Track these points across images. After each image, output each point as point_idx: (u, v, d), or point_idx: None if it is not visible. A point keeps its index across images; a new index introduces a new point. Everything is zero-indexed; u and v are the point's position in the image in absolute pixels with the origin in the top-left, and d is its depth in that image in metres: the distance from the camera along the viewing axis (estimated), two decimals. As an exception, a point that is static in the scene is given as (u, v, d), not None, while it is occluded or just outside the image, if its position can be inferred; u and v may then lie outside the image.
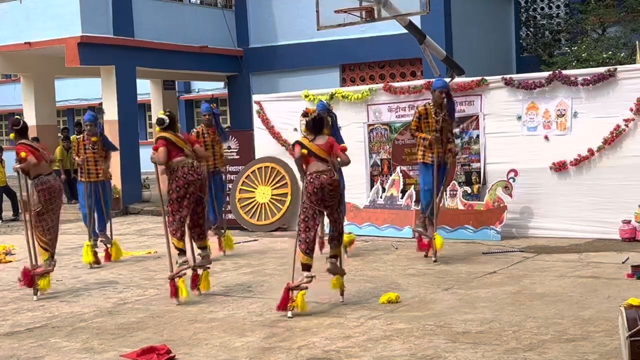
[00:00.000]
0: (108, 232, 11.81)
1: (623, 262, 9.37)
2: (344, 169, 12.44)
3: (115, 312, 8.13)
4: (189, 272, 8.68)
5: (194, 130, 12.03)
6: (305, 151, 7.99)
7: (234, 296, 8.59)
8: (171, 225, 8.64)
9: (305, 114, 8.73)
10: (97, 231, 11.70)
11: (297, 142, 8.14)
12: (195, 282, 8.69)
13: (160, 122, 8.77)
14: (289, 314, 7.46)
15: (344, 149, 8.13)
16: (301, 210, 8.04)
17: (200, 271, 8.77)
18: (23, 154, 9.17)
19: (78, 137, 11.90)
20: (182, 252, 8.65)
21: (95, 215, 11.69)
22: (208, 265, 8.91)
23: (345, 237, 9.69)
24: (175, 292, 8.39)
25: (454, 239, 11.91)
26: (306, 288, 7.67)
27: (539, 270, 9.26)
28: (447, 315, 7.22)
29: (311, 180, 7.95)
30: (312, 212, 7.94)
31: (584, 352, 5.85)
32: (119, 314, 8.03)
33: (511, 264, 9.70)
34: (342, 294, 8.09)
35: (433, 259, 9.96)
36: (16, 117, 10.05)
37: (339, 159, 8.10)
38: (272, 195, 14.04)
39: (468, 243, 11.58)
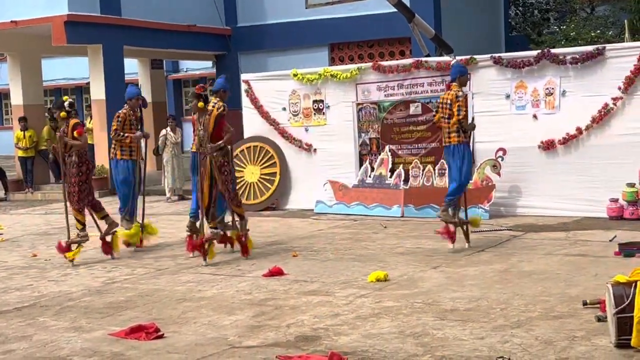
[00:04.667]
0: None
1: (610, 240, 9.42)
2: (330, 148, 12.81)
3: (103, 291, 8.12)
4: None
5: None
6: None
7: (222, 275, 8.59)
8: None
9: (205, 88, 9.90)
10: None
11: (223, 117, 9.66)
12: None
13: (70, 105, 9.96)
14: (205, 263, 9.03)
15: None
16: (234, 178, 9.81)
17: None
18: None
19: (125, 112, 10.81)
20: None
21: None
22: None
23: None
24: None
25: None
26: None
27: (527, 248, 9.30)
28: (435, 293, 7.24)
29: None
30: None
31: (571, 329, 5.88)
32: (108, 293, 8.02)
33: (499, 243, 9.74)
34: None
35: None
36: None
37: None
38: (261, 174, 14.02)
39: (456, 222, 11.60)
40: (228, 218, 9.99)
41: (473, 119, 10.01)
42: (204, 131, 9.38)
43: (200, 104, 9.51)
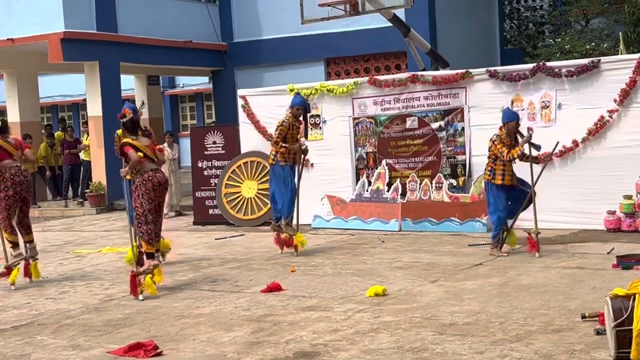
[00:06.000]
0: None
1: (608, 253, 9.42)
2: (327, 163, 12.95)
3: (101, 308, 8.10)
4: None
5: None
6: (141, 154, 8.85)
7: (220, 291, 8.57)
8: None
9: (123, 115, 9.07)
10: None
11: (129, 144, 8.85)
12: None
13: None
14: (140, 297, 8.38)
15: (161, 150, 9.49)
16: (138, 206, 8.83)
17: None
18: None
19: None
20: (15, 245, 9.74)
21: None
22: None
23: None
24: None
25: (440, 232, 11.94)
26: (151, 272, 8.62)
27: (525, 261, 9.30)
28: (434, 308, 7.23)
29: (149, 178, 8.81)
30: (149, 206, 8.81)
31: (571, 343, 5.88)
32: (106, 310, 8.00)
33: (497, 256, 9.73)
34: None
35: None
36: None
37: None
38: (258, 189, 14.02)
39: (454, 235, 11.61)
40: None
41: (530, 130, 9.87)
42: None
43: (119, 131, 9.15)
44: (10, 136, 10.05)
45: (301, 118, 10.98)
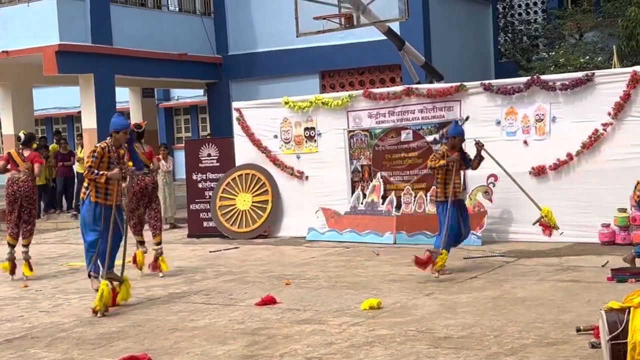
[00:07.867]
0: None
1: (603, 266, 9.42)
2: (322, 176, 12.89)
3: (95, 321, 8.06)
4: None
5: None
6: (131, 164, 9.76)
7: (215, 304, 8.55)
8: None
9: (139, 126, 10.69)
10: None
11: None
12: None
13: (17, 138, 11.13)
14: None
15: (159, 159, 10.62)
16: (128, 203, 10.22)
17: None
18: None
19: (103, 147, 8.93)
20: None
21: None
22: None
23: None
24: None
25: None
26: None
27: (520, 274, 9.30)
28: (428, 321, 7.22)
29: (138, 181, 10.42)
30: (131, 205, 10.40)
31: (566, 356, 5.87)
32: (100, 323, 7.97)
33: (492, 269, 9.73)
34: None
35: None
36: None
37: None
38: (253, 202, 14.01)
39: (449, 248, 11.60)
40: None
41: None
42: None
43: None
44: (30, 149, 10.96)
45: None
